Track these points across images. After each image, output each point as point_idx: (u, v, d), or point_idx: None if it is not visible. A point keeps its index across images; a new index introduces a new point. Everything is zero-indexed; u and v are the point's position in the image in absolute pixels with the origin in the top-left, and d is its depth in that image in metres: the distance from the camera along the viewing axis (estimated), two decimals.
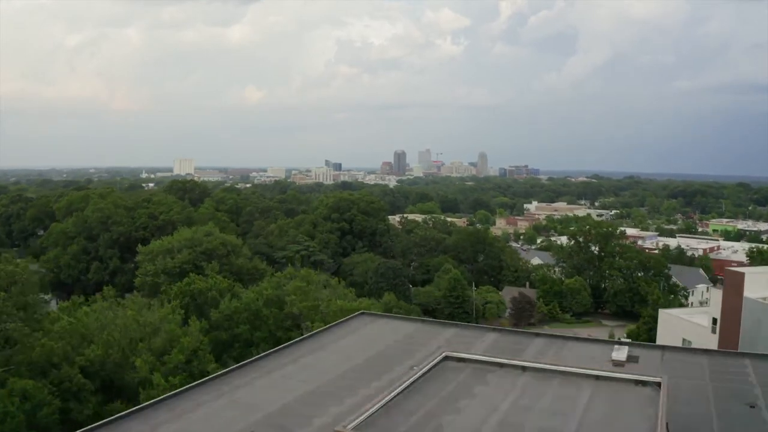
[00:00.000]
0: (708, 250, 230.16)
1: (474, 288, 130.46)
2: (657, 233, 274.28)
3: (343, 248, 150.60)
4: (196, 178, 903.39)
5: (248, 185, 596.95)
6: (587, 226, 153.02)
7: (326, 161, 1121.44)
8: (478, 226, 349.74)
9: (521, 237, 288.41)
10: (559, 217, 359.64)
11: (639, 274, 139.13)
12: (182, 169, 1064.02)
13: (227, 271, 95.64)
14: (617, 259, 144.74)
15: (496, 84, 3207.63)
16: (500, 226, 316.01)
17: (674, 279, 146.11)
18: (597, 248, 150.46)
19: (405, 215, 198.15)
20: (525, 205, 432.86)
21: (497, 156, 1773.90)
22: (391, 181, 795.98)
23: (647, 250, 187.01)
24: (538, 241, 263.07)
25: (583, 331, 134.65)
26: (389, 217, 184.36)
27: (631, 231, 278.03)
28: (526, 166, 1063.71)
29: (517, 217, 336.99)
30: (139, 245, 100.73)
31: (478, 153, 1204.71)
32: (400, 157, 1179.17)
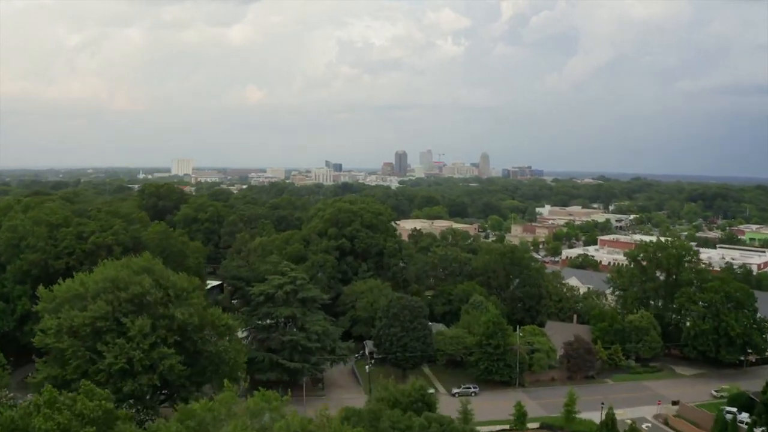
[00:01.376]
0: (762, 266, 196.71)
1: (518, 333, 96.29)
2: (694, 243, 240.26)
3: (343, 272, 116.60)
4: (193, 179, 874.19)
5: (244, 186, 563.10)
6: (651, 247, 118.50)
7: (326, 162, 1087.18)
8: (490, 233, 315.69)
9: (541, 246, 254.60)
10: (579, 222, 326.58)
11: (727, 308, 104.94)
12: (180, 169, 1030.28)
13: (164, 327, 61.75)
14: (694, 289, 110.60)
15: (498, 85, 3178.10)
16: (516, 233, 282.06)
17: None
18: (664, 273, 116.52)
19: (417, 228, 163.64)
20: (537, 209, 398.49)
21: (499, 157, 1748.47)
22: (393, 182, 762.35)
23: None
24: (563, 252, 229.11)
25: (655, 385, 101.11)
26: (395, 223, 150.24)
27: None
28: (529, 167, 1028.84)
29: (534, 224, 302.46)
30: (40, 287, 66.59)
31: (480, 154, 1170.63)
32: (401, 157, 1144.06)
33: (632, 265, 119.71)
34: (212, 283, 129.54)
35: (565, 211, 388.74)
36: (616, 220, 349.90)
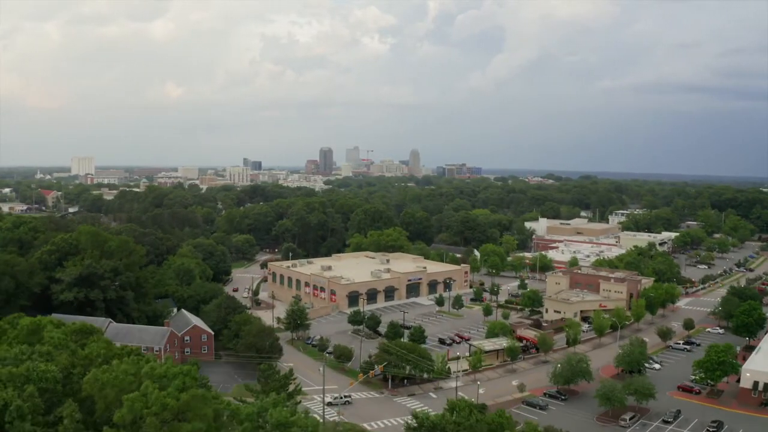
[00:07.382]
0: None
1: None
2: None
3: None
4: (90, 180, 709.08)
5: (114, 192, 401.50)
6: None
7: (244, 159, 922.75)
8: (499, 286, 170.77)
9: (643, 333, 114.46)
10: (600, 250, 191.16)
11: None
12: (81, 168, 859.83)
13: None
14: None
15: (424, 83, 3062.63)
16: (560, 294, 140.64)
17: None
18: None
19: None
20: (527, 224, 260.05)
21: (428, 154, 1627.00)
22: (318, 182, 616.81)
23: None
24: (745, 368, 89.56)
25: None
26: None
27: None
28: (465, 165, 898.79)
29: (584, 273, 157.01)
30: None
31: (410, 151, 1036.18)
32: (326, 154, 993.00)
33: None
34: None
35: (570, 228, 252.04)
36: (660, 243, 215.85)
